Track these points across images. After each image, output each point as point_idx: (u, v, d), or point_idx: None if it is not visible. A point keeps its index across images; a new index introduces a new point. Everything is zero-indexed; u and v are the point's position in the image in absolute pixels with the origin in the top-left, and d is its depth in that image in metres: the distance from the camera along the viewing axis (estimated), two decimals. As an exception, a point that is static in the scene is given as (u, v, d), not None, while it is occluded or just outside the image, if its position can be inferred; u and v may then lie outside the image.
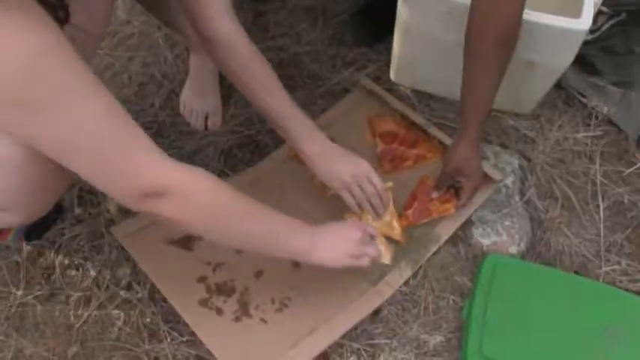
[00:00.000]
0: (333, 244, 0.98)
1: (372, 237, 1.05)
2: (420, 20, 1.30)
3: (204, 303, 1.11)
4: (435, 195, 1.23)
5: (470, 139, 1.16)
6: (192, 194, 0.83)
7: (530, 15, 1.15)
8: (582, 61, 1.38)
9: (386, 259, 1.16)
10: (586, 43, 1.31)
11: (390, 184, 1.18)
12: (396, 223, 1.21)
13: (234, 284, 1.13)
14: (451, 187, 1.23)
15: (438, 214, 1.22)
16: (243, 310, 1.11)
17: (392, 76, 1.51)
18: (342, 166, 1.09)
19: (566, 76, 1.40)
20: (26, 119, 0.72)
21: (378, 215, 1.16)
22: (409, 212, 1.23)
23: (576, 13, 1.19)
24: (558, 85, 1.42)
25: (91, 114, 0.74)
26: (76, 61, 0.73)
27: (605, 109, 1.40)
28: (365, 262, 1.01)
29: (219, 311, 1.10)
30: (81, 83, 0.73)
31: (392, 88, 1.49)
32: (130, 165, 0.79)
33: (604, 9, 1.35)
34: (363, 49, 1.58)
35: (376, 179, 1.12)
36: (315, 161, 1.09)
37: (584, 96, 1.43)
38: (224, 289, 1.12)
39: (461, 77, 1.19)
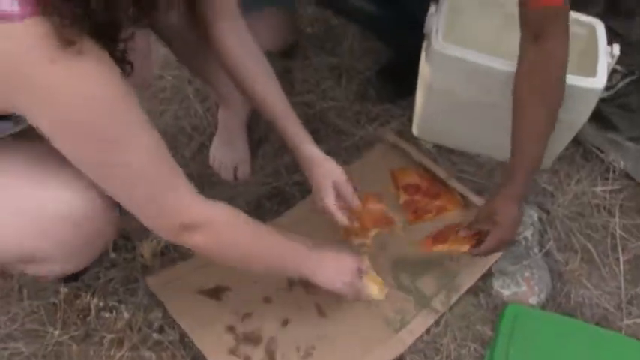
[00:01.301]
0: (333, 269, 1.13)
1: (362, 272, 1.16)
2: (442, 80, 1.42)
3: (232, 351, 1.19)
4: (462, 233, 1.27)
5: (511, 190, 1.21)
6: (221, 226, 0.99)
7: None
8: (599, 118, 1.49)
9: (380, 295, 1.19)
10: (603, 100, 1.42)
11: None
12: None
13: (261, 333, 1.21)
14: (478, 233, 1.26)
15: (451, 245, 1.27)
16: (270, 357, 1.19)
17: (414, 131, 1.62)
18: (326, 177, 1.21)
19: (584, 132, 1.50)
20: (95, 153, 0.86)
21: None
22: (429, 236, 1.32)
23: (591, 72, 1.31)
24: (576, 141, 1.52)
25: (144, 152, 0.88)
26: (137, 104, 0.87)
27: (622, 163, 1.50)
28: (354, 293, 1.14)
29: (247, 359, 1.18)
30: (141, 124, 0.88)
31: (414, 142, 1.60)
32: (169, 201, 0.93)
33: (618, 67, 1.46)
34: (386, 105, 1.70)
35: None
36: (306, 168, 1.23)
37: (601, 151, 1.54)
38: (251, 338, 1.20)
39: (480, 133, 1.30)
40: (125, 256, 1.33)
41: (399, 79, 1.69)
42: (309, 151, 1.21)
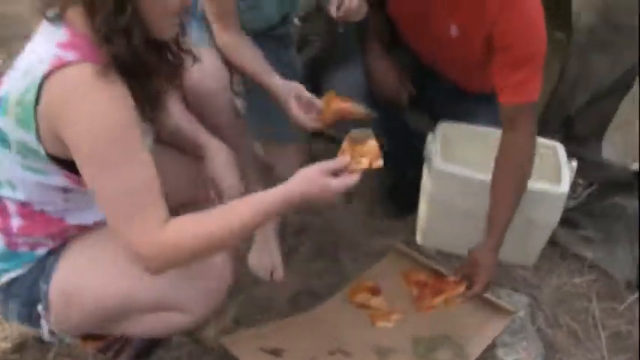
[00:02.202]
0: (305, 185, 1.18)
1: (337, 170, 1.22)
2: (441, 193, 1.80)
3: None
4: (451, 278, 1.64)
5: (490, 244, 1.60)
6: (166, 252, 1.10)
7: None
8: (569, 222, 1.88)
9: (375, 163, 1.31)
10: (570, 209, 1.81)
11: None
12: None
13: None
14: (467, 278, 1.61)
15: (448, 294, 1.61)
16: None
17: (418, 240, 1.97)
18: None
19: (558, 235, 1.88)
20: (96, 172, 1.06)
21: None
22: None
23: (557, 181, 1.72)
24: (553, 242, 1.89)
25: (132, 183, 1.07)
26: (142, 139, 1.09)
27: (593, 257, 1.86)
28: (328, 193, 1.19)
29: None
30: (141, 157, 1.08)
31: (418, 250, 1.94)
32: (127, 230, 1.08)
33: (580, 181, 1.87)
34: (392, 220, 2.06)
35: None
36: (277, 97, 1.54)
37: (575, 248, 1.90)
38: None
39: (476, 237, 1.65)
40: (190, 337, 1.59)
41: (402, 199, 2.07)
42: (275, 81, 1.54)
